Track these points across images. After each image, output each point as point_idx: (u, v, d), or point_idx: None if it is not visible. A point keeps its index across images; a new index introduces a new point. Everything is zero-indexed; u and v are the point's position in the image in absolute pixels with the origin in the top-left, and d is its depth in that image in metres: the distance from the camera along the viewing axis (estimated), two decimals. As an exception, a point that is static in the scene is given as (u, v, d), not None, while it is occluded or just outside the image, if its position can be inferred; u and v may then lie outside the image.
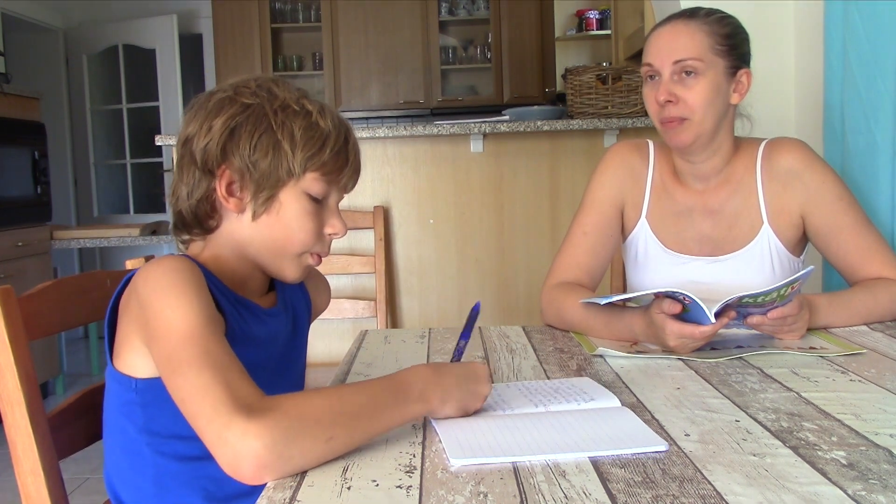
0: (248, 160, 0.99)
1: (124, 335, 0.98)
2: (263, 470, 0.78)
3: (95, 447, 1.15)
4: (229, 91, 1.02)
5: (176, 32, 5.66)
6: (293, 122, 1.00)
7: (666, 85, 1.43)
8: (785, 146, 1.50)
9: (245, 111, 1.00)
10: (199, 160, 1.01)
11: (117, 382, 1.00)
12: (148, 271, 0.94)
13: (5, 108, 3.98)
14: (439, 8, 5.98)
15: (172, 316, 0.88)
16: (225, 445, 0.78)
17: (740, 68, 1.45)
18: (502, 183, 2.99)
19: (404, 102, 5.98)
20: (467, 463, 0.81)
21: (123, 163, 5.97)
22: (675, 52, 1.42)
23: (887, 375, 1.10)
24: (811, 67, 2.25)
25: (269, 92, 1.02)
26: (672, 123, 1.44)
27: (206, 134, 1.00)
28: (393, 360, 1.28)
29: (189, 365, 0.84)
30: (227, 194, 1.01)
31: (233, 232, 1.04)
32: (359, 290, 2.96)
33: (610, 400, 1.02)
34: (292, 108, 1.00)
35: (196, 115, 1.02)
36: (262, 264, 1.06)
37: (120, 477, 1.03)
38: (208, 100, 1.03)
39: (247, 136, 0.99)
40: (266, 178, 1.00)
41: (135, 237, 4.26)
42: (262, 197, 1.00)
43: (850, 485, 0.74)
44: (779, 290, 1.20)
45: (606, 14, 5.03)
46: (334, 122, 1.03)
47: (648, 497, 0.72)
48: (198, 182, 1.02)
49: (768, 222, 1.48)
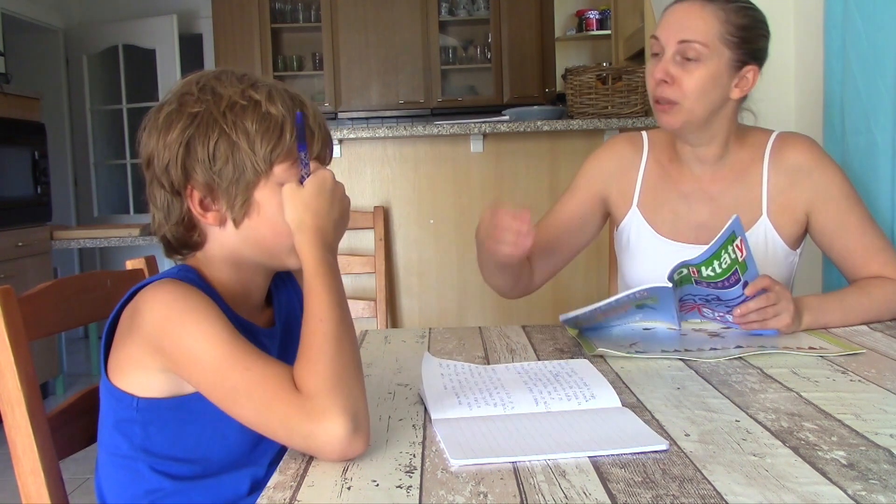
0: (210, 172, 0.96)
1: (128, 355, 0.97)
2: (356, 436, 0.82)
3: (95, 447, 1.15)
4: (174, 102, 0.99)
5: (176, 32, 5.67)
6: (244, 118, 0.96)
7: (665, 63, 1.42)
8: (797, 142, 1.50)
9: (194, 122, 0.96)
10: (165, 183, 0.99)
11: (115, 399, 0.99)
12: (153, 299, 0.93)
13: (5, 108, 3.97)
14: (439, 8, 5.98)
15: (196, 346, 0.89)
16: (320, 448, 0.82)
17: (748, 64, 1.43)
18: (502, 183, 2.99)
19: (404, 102, 5.98)
20: (467, 463, 0.81)
21: (123, 163, 5.97)
22: (682, 32, 1.40)
23: (887, 375, 1.10)
24: (811, 67, 2.25)
25: (213, 93, 0.98)
26: (662, 105, 1.44)
27: (163, 153, 0.98)
28: (393, 360, 1.28)
29: (238, 392, 0.87)
30: (202, 210, 0.99)
31: (222, 244, 1.02)
32: (359, 290, 2.96)
33: (607, 391, 1.02)
34: (239, 103, 0.96)
35: (150, 135, 1.00)
36: (262, 264, 1.05)
37: (111, 490, 1.02)
38: (157, 116, 1.00)
39: (202, 148, 0.96)
40: (235, 183, 0.97)
41: (135, 237, 4.26)
42: (237, 203, 0.98)
43: (850, 485, 0.74)
44: (725, 249, 1.22)
45: (606, 14, 5.03)
46: (286, 104, 0.98)
47: (648, 497, 0.72)
48: (171, 205, 1.00)
49: (767, 214, 1.48)
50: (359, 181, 2.98)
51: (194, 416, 0.97)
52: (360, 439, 0.83)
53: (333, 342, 0.87)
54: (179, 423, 0.98)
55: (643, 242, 1.55)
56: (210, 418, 0.96)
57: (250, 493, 1.02)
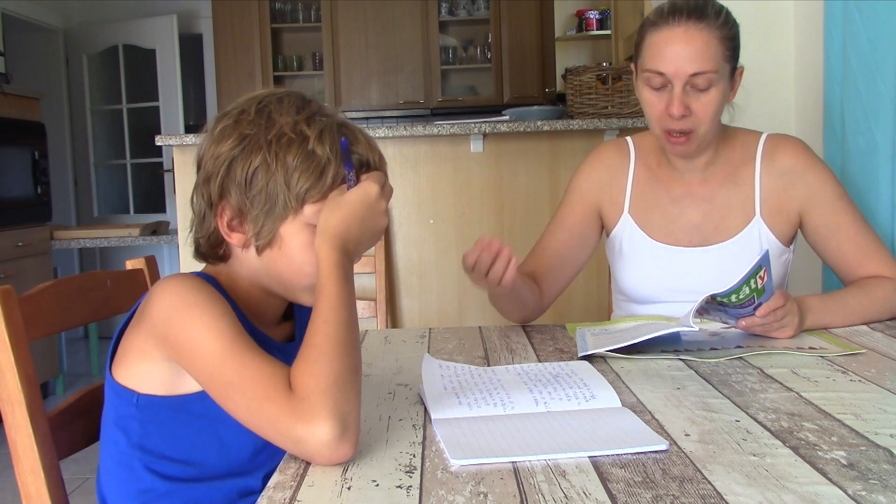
0: (244, 196, 0.97)
1: (134, 344, 0.97)
2: (343, 441, 0.81)
3: (95, 447, 1.15)
4: (233, 118, 0.99)
5: (176, 32, 5.67)
6: (287, 152, 0.95)
7: (680, 98, 1.37)
8: (788, 145, 1.50)
9: (241, 143, 0.97)
10: (204, 194, 1.00)
11: (117, 395, 0.99)
12: (163, 290, 0.94)
13: (5, 108, 3.98)
14: (439, 8, 5.98)
15: (199, 338, 0.89)
16: (307, 452, 0.82)
17: (737, 66, 1.44)
18: (502, 183, 2.99)
19: (404, 102, 5.98)
20: (467, 463, 0.81)
21: (123, 163, 5.97)
22: (692, 64, 1.36)
23: (887, 375, 1.10)
24: (811, 67, 2.25)
25: (268, 118, 0.97)
26: (678, 138, 1.42)
27: (209, 164, 0.99)
28: (393, 360, 1.28)
29: (233, 388, 0.86)
30: (228, 230, 0.99)
31: (243, 265, 1.02)
32: (359, 290, 2.96)
33: (607, 391, 1.02)
34: (287, 136, 0.96)
35: (206, 139, 1.01)
36: (277, 293, 1.05)
37: (109, 487, 1.03)
38: (217, 125, 1.00)
39: (242, 171, 0.96)
40: (264, 213, 0.97)
41: (135, 237, 4.27)
42: (263, 232, 0.98)
43: (850, 485, 0.74)
44: (747, 283, 1.20)
45: (606, 14, 5.03)
46: (334, 147, 0.97)
47: (648, 497, 0.72)
48: (205, 215, 1.01)
49: (760, 215, 1.48)
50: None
51: (193, 417, 0.97)
52: (347, 444, 0.82)
53: (333, 345, 0.86)
54: (177, 423, 0.98)
55: (636, 247, 1.55)
56: (209, 421, 0.96)
57: (240, 501, 1.02)
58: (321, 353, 0.85)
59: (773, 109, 2.36)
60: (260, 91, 1.02)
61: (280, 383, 0.85)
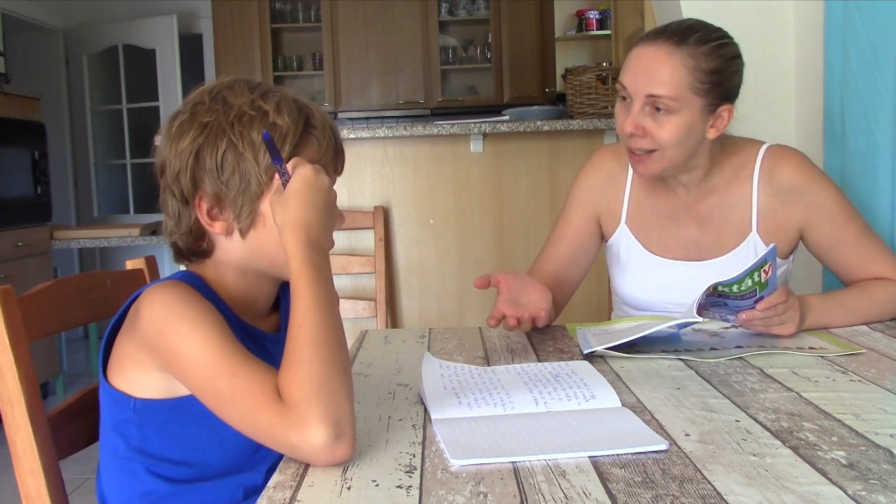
0: (218, 182, 0.97)
1: (126, 353, 0.97)
2: (339, 443, 0.81)
3: (95, 447, 1.14)
4: (187, 112, 0.99)
5: (176, 32, 5.67)
6: (251, 129, 0.96)
7: (634, 117, 1.37)
8: (788, 159, 1.47)
9: (203, 131, 0.97)
10: (175, 192, 0.99)
11: (113, 400, 0.99)
12: (151, 301, 0.93)
13: (5, 108, 3.98)
14: (439, 8, 5.98)
15: (189, 349, 0.89)
16: (305, 457, 0.82)
17: (722, 104, 1.38)
18: (502, 183, 2.99)
19: (404, 102, 5.98)
20: (467, 463, 0.81)
21: (123, 163, 5.97)
22: (650, 85, 1.34)
23: (887, 375, 1.10)
24: (811, 67, 2.25)
25: (224, 102, 0.98)
26: (638, 156, 1.41)
27: (174, 162, 0.98)
28: (393, 360, 1.28)
29: (225, 398, 0.87)
30: (209, 220, 0.99)
31: (229, 254, 1.02)
32: (359, 290, 2.96)
33: (607, 391, 1.02)
34: (248, 114, 0.96)
35: (163, 143, 1.01)
36: (271, 274, 1.05)
37: (111, 491, 1.02)
38: (171, 124, 1.00)
39: (210, 158, 0.96)
40: (241, 194, 0.97)
41: (135, 237, 4.26)
42: (243, 214, 0.98)
43: (850, 485, 0.74)
44: (750, 275, 1.20)
45: (606, 14, 5.03)
46: (292, 115, 0.98)
47: (648, 497, 0.72)
48: (181, 214, 1.01)
49: (757, 231, 1.48)
50: (359, 181, 2.98)
51: (191, 418, 0.97)
52: (344, 447, 0.81)
53: (314, 348, 0.85)
54: (176, 425, 0.98)
55: (633, 259, 1.55)
56: (208, 421, 0.96)
57: (245, 499, 1.02)
58: (301, 359, 0.84)
59: (773, 110, 2.36)
60: (206, 84, 1.03)
61: (271, 392, 0.84)
